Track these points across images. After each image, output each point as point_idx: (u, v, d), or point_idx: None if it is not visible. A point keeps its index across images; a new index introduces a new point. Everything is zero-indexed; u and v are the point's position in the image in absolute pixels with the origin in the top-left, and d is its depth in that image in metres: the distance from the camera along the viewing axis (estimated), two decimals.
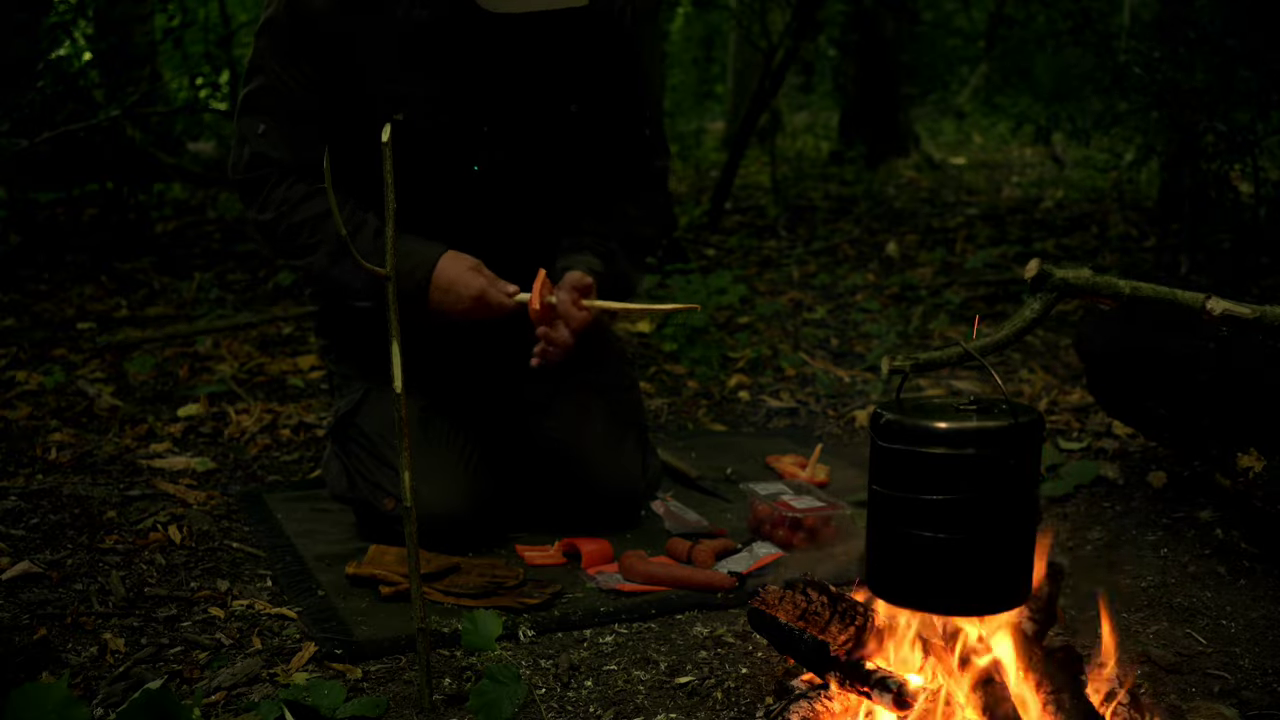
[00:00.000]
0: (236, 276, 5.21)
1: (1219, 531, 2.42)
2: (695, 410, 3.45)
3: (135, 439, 3.04)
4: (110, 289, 4.90)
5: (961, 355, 1.51)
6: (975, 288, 4.95)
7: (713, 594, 2.16)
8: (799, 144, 11.20)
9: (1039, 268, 1.51)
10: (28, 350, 3.87)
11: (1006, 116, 11.01)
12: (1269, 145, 4.29)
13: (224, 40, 7.31)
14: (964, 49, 15.86)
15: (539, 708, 1.77)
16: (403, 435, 1.74)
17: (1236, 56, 4.14)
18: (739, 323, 4.45)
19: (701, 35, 16.45)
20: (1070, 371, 3.72)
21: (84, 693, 1.78)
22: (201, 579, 2.23)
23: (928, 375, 3.62)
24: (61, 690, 1.47)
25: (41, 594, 2.11)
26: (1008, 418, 1.44)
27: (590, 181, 2.45)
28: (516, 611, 2.07)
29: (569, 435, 2.46)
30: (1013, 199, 7.69)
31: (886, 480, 1.48)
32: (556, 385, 2.48)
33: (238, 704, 1.76)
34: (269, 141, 2.25)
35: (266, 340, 4.15)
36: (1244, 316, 1.45)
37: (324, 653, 1.92)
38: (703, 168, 9.40)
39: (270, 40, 2.24)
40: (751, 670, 1.88)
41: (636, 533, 2.47)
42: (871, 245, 6.07)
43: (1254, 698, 1.78)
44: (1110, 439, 3.05)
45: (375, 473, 2.36)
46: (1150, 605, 2.12)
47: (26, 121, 4.63)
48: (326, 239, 2.22)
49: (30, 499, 2.52)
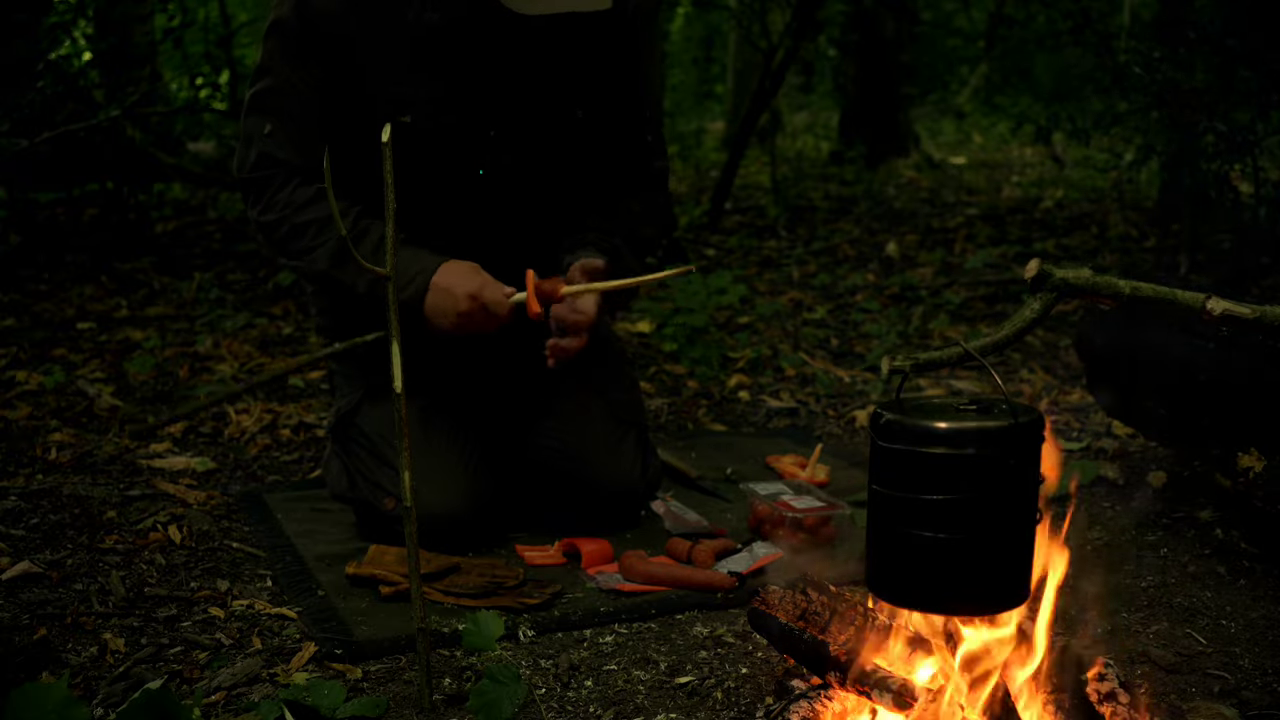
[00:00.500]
0: (236, 276, 5.21)
1: (1219, 531, 2.42)
2: (695, 410, 3.45)
3: (135, 439, 3.04)
4: (110, 289, 4.90)
5: (961, 355, 1.51)
6: (975, 288, 4.95)
7: (713, 594, 2.15)
8: (799, 144, 11.21)
9: (1039, 268, 1.51)
10: (28, 350, 3.88)
11: (1006, 116, 11.01)
12: (1269, 145, 4.29)
13: (224, 40, 7.30)
14: (964, 49, 15.87)
15: (539, 708, 1.77)
16: (403, 435, 1.74)
17: (1236, 56, 4.14)
18: (739, 323, 4.45)
19: (701, 35, 16.45)
20: (1070, 371, 3.72)
21: (84, 693, 1.78)
22: (201, 579, 2.23)
23: (928, 375, 3.62)
24: (61, 690, 1.47)
25: (41, 594, 2.11)
26: (1008, 418, 1.44)
27: (592, 184, 2.45)
28: (516, 611, 2.07)
29: (569, 435, 2.46)
30: (1013, 199, 7.69)
31: (886, 480, 1.48)
32: (557, 385, 2.48)
33: (238, 704, 1.76)
34: (275, 142, 2.25)
35: (266, 340, 4.15)
36: (1244, 316, 1.45)
37: (324, 653, 1.92)
38: (703, 168, 9.40)
39: (278, 41, 2.24)
40: (751, 670, 1.88)
41: (636, 533, 2.47)
42: (871, 245, 6.07)
43: (1254, 698, 1.78)
44: (1110, 439, 3.05)
45: (375, 472, 2.36)
46: (1150, 605, 2.12)
47: (26, 121, 4.63)
48: (329, 242, 2.22)
49: (30, 499, 2.52)
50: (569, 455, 2.45)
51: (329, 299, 2.48)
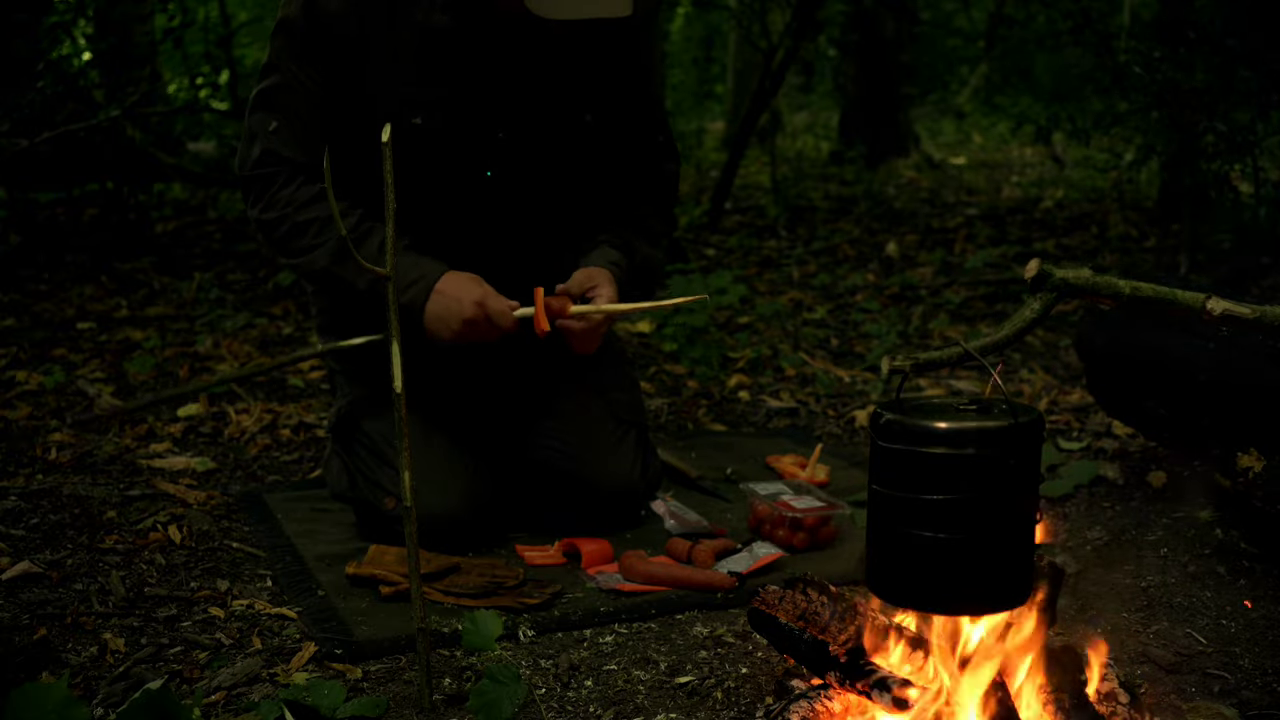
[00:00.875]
0: (236, 276, 5.21)
1: (1219, 531, 2.42)
2: (695, 410, 3.45)
3: (135, 439, 3.04)
4: (110, 289, 4.91)
5: (961, 355, 1.51)
6: (975, 288, 4.95)
7: (713, 594, 2.15)
8: (799, 144, 11.20)
9: (1039, 268, 1.51)
10: (28, 350, 3.88)
11: (1006, 116, 11.01)
12: (1269, 145, 4.29)
13: (224, 40, 7.30)
14: (964, 49, 15.86)
15: (539, 708, 1.77)
16: (402, 435, 1.74)
17: (1236, 56, 4.14)
18: (739, 323, 4.45)
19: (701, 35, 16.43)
20: (1070, 371, 3.72)
21: (84, 693, 1.78)
22: (201, 579, 2.23)
23: (928, 375, 3.62)
24: (61, 690, 1.47)
25: (41, 594, 2.11)
26: (1008, 418, 1.44)
27: (603, 188, 2.45)
28: (516, 611, 2.07)
29: (569, 435, 2.46)
30: (1013, 199, 7.69)
31: (886, 480, 1.48)
32: (557, 386, 2.48)
33: (238, 704, 1.76)
34: (280, 139, 2.25)
35: (266, 340, 4.15)
36: (1244, 316, 1.45)
37: (324, 653, 1.92)
38: (703, 168, 9.39)
39: (286, 40, 2.24)
40: (751, 670, 1.88)
41: (636, 533, 2.47)
42: (871, 245, 6.07)
43: (1254, 698, 1.78)
44: (1110, 439, 3.05)
45: (376, 472, 2.36)
46: (1150, 605, 2.12)
47: (26, 121, 4.64)
48: (330, 241, 2.22)
49: (30, 499, 2.52)
50: (569, 455, 2.45)
51: (329, 299, 2.48)
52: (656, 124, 2.50)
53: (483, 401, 2.48)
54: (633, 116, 2.43)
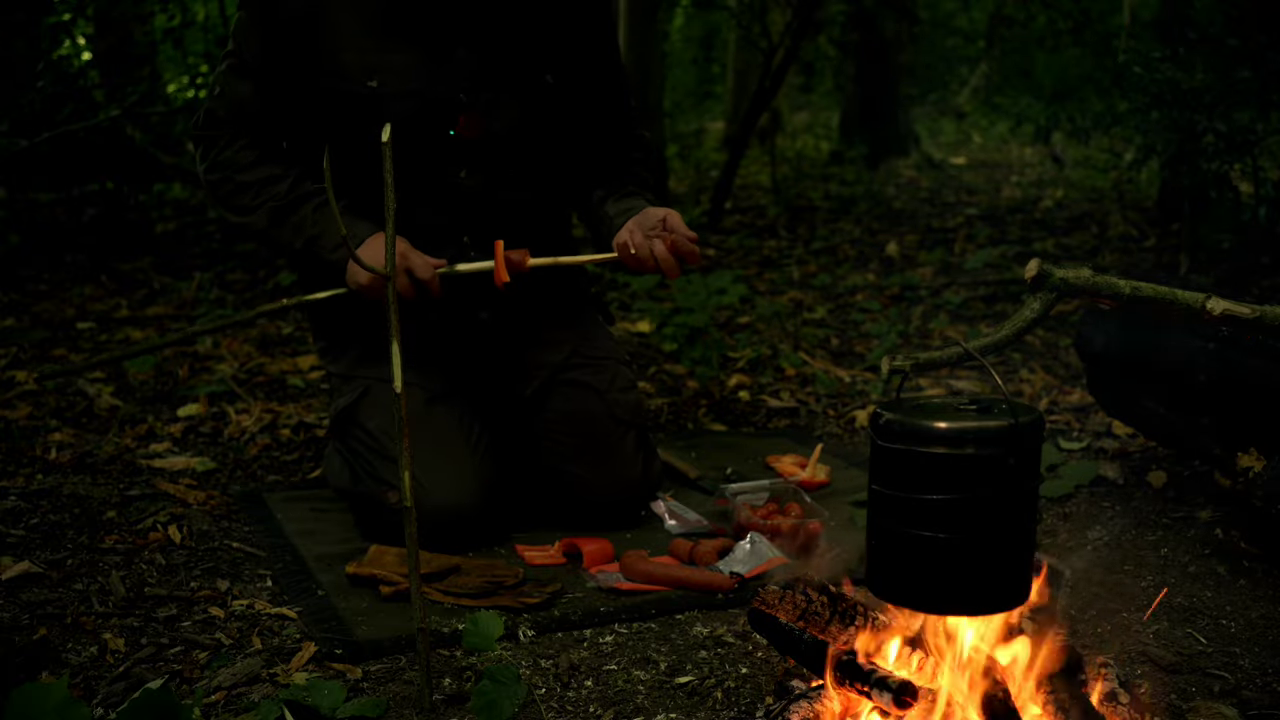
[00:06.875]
0: (236, 276, 5.21)
1: (1219, 531, 2.42)
2: (695, 410, 3.45)
3: (135, 439, 3.04)
4: (110, 289, 4.91)
5: (961, 355, 1.51)
6: (975, 288, 4.95)
7: (713, 594, 2.15)
8: (799, 144, 11.21)
9: (1039, 268, 1.51)
10: (28, 350, 3.88)
11: (1006, 116, 11.00)
12: (1269, 145, 4.29)
13: (224, 40, 7.29)
14: (964, 49, 15.87)
15: (539, 708, 1.77)
16: (402, 435, 1.74)
17: (1236, 56, 4.15)
18: (739, 323, 4.45)
19: (701, 35, 16.45)
20: (1070, 371, 3.72)
21: (84, 693, 1.78)
22: (201, 579, 2.23)
23: (928, 375, 3.62)
24: (61, 690, 1.47)
25: (41, 594, 2.11)
26: (1008, 418, 1.44)
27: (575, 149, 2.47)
28: (516, 611, 2.07)
29: (569, 436, 2.46)
30: (1013, 199, 7.69)
31: (886, 480, 1.48)
32: (555, 385, 2.48)
33: (238, 704, 1.76)
34: (223, 102, 2.34)
35: (266, 340, 4.15)
36: (1244, 316, 1.45)
37: (324, 653, 1.92)
38: (703, 168, 9.40)
39: (246, 11, 2.31)
40: (751, 670, 1.88)
41: (636, 533, 2.47)
42: (871, 245, 6.07)
43: (1254, 697, 1.79)
44: (1110, 439, 3.05)
45: (379, 467, 2.36)
46: (1150, 605, 2.12)
47: (26, 121, 4.64)
48: (268, 203, 2.30)
49: (30, 499, 2.52)
50: (569, 456, 2.45)
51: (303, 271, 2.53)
52: (623, 90, 2.54)
53: (483, 396, 2.48)
54: (595, 79, 2.46)
